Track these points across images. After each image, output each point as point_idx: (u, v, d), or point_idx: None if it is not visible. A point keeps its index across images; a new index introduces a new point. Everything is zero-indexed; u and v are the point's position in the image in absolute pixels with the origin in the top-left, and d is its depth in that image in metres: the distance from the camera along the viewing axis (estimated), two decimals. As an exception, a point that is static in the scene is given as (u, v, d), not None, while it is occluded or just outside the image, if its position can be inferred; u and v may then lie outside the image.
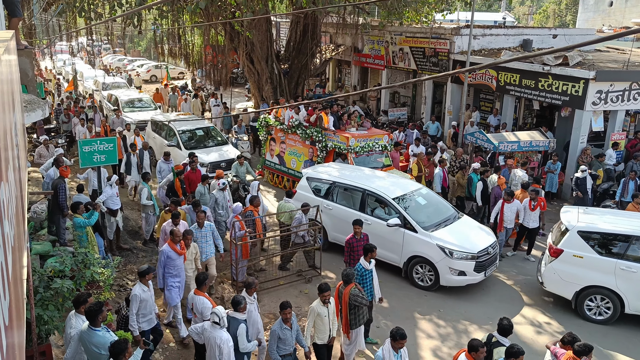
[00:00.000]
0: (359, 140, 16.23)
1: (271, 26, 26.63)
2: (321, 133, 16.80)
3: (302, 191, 14.16)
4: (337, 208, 13.49)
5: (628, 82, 17.11)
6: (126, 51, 64.56)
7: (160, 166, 15.72)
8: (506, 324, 7.62)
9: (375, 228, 12.53)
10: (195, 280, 8.65)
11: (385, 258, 12.63)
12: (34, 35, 33.33)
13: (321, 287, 8.39)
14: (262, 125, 19.24)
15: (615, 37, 4.02)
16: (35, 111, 8.84)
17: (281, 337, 7.93)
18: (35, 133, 22.91)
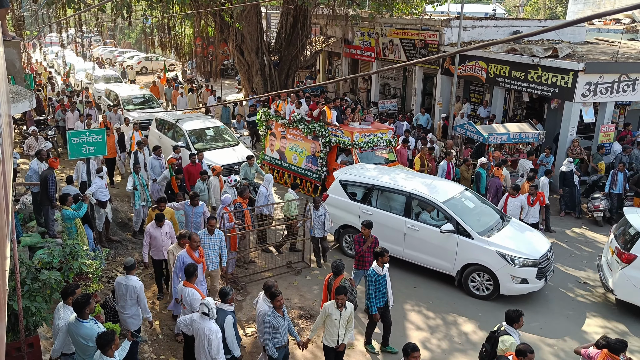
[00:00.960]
0: (364, 135, 15.90)
1: (261, 18, 26.55)
2: (324, 128, 16.38)
3: (336, 195, 13.41)
4: (378, 213, 12.56)
5: (617, 74, 17.17)
6: (116, 43, 64.13)
7: (151, 162, 15.41)
8: (512, 313, 7.70)
9: (424, 234, 11.93)
10: (184, 272, 8.63)
11: (435, 266, 12.05)
12: (23, 27, 33.08)
13: (338, 289, 8.19)
14: (262, 120, 18.84)
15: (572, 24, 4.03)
16: (22, 102, 8.80)
17: (275, 326, 7.91)
18: (25, 124, 22.81)
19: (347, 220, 13.10)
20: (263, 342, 8.11)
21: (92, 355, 6.91)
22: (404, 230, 12.16)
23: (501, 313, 10.87)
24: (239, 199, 12.35)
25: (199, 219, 11.86)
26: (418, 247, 12.07)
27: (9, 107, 8.16)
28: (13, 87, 9.86)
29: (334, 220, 13.07)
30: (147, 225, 10.93)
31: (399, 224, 12.23)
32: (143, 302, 8.65)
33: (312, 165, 16.99)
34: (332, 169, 16.11)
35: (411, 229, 12.00)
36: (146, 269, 12.54)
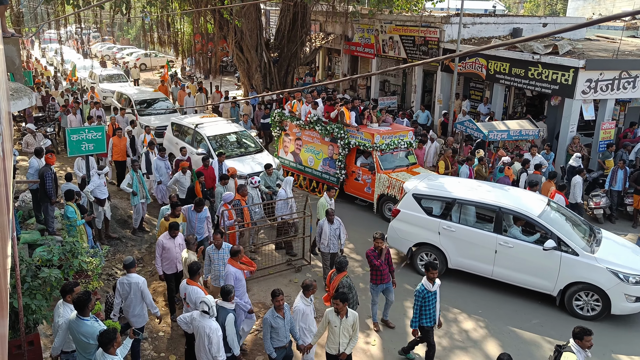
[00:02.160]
0: (384, 137, 15.24)
1: (260, 14, 26.49)
2: (343, 129, 15.73)
3: (410, 210, 12.30)
4: (463, 230, 11.67)
5: (618, 71, 17.14)
6: (115, 39, 64.05)
7: (156, 163, 15.06)
8: (577, 330, 7.24)
9: (519, 251, 11.09)
10: (188, 270, 8.60)
11: (531, 285, 11.19)
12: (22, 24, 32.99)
13: (336, 295, 7.93)
14: (276, 121, 18.11)
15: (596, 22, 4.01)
16: (22, 99, 8.78)
17: (274, 326, 7.84)
18: (24, 121, 22.76)
19: (424, 237, 12.13)
20: (263, 339, 8.07)
21: (93, 353, 6.89)
22: (495, 247, 11.27)
23: (501, 310, 10.93)
24: (238, 197, 12.32)
25: (202, 224, 11.59)
26: (512, 265, 11.21)
27: (9, 105, 8.13)
28: (12, 84, 9.84)
29: (406, 237, 12.34)
30: (160, 237, 10.34)
31: (489, 241, 11.35)
32: (148, 298, 8.61)
33: (329, 168, 16.41)
34: (351, 172, 15.91)
35: (504, 246, 11.14)
36: (146, 267, 12.55)
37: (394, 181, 14.68)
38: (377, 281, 9.93)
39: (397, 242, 12.62)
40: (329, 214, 11.33)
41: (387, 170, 15.12)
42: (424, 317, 8.72)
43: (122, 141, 16.61)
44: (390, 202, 14.93)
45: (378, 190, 15.18)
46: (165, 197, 14.93)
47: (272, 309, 7.92)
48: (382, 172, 15.05)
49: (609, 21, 4.01)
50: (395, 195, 14.61)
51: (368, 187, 15.55)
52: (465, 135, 17.94)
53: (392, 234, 12.56)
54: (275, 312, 7.88)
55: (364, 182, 15.68)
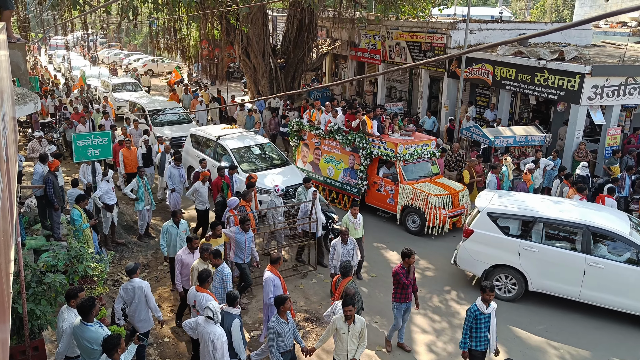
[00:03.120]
0: (407, 147, 14.88)
1: (267, 20, 26.57)
2: (365, 139, 15.33)
3: (485, 230, 11.54)
4: (546, 250, 11.02)
5: (624, 77, 17.10)
6: (122, 45, 64.31)
7: (170, 171, 14.71)
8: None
9: (612, 272, 10.53)
10: (197, 278, 8.55)
11: (626, 308, 10.64)
12: (28, 29, 33.15)
13: (345, 301, 7.84)
14: (294, 130, 17.68)
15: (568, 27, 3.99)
16: (27, 104, 8.80)
17: (279, 332, 7.83)
18: (30, 127, 22.84)
19: (501, 259, 11.42)
20: (268, 347, 8.04)
21: (98, 359, 6.89)
22: (584, 268, 10.66)
23: (506, 314, 10.86)
24: (243, 202, 12.30)
25: (251, 244, 11.23)
26: (604, 287, 10.61)
27: (14, 110, 8.15)
28: (18, 90, 9.86)
29: (481, 259, 11.62)
30: (179, 252, 10.11)
31: (577, 261, 10.73)
32: (152, 302, 8.61)
33: (350, 179, 16.03)
34: (373, 182, 15.52)
35: (594, 267, 10.55)
36: (152, 272, 12.56)
37: (419, 192, 14.36)
38: (402, 299, 9.48)
39: (469, 264, 11.93)
40: (342, 234, 10.67)
41: (411, 181, 14.78)
42: (474, 340, 8.17)
43: (132, 153, 16.22)
44: (414, 213, 14.60)
45: (401, 201, 14.80)
46: (178, 205, 14.77)
47: (276, 315, 7.89)
48: (406, 182, 14.69)
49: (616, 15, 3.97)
50: (419, 206, 14.32)
51: (391, 198, 15.16)
52: (471, 141, 17.89)
53: (464, 255, 11.87)
54: (280, 318, 7.87)
55: (386, 193, 15.28)
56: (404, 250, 9.37)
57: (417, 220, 14.63)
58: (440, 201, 14.17)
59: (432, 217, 14.15)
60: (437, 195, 14.20)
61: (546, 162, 15.77)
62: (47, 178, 12.35)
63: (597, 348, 10.08)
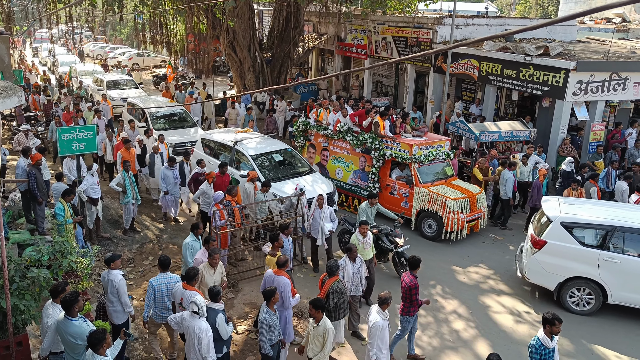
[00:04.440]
0: (422, 148, 14.33)
1: (253, 14, 26.45)
2: (378, 140, 14.80)
3: (559, 241, 10.93)
4: (632, 261, 10.44)
5: (608, 73, 17.23)
6: (108, 39, 63.82)
7: (164, 173, 14.43)
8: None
9: None
10: (185, 275, 8.52)
11: None
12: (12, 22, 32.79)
13: (312, 300, 7.80)
14: (300, 130, 17.07)
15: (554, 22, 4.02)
16: (11, 98, 8.71)
17: (271, 325, 7.85)
18: (14, 120, 22.63)
19: (578, 271, 10.87)
20: (260, 340, 8.00)
21: (82, 354, 6.86)
22: None
23: (491, 308, 10.94)
24: (229, 197, 12.28)
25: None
26: None
27: (-2, 103, 8.09)
28: (2, 83, 9.77)
29: (555, 272, 11.06)
30: (197, 254, 9.86)
31: None
32: (123, 297, 8.51)
33: (360, 181, 15.49)
34: (385, 185, 14.94)
35: None
36: (137, 267, 12.52)
37: (436, 196, 13.79)
38: (413, 312, 9.12)
39: (542, 276, 11.29)
40: (351, 252, 9.66)
41: (426, 183, 14.23)
42: None
43: (131, 154, 15.42)
44: (431, 218, 14.03)
45: (417, 205, 14.22)
46: (170, 208, 14.54)
47: (266, 308, 7.86)
48: (422, 185, 14.13)
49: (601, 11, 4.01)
50: (437, 211, 13.77)
51: (405, 201, 14.57)
52: (457, 136, 17.97)
53: (535, 268, 11.25)
54: (269, 309, 7.86)
55: (400, 197, 14.67)
56: (415, 258, 9.09)
57: (433, 225, 14.04)
58: (459, 205, 13.63)
59: (450, 221, 13.61)
60: (455, 199, 13.63)
61: (536, 159, 15.85)
62: (30, 172, 12.26)
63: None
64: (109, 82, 28.05)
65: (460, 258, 13.40)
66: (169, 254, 13.08)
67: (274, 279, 8.84)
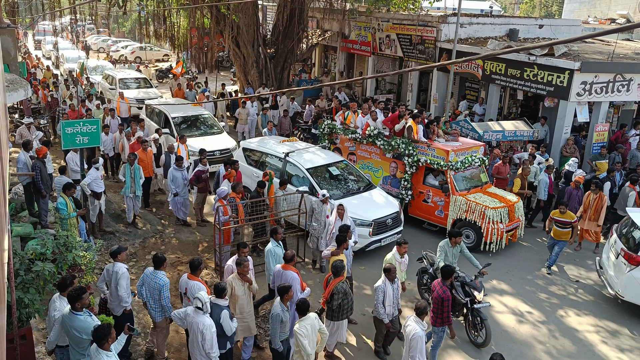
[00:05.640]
0: (458, 154, 13.69)
1: (258, 10, 26.47)
2: (411, 145, 14.11)
3: None
4: None
5: (612, 74, 17.21)
6: (110, 32, 63.79)
7: (172, 174, 13.92)
8: None
9: None
10: (189, 265, 8.55)
11: None
12: (17, 14, 32.78)
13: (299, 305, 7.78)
14: (325, 133, 16.40)
15: (604, 33, 4.03)
16: (18, 91, 8.73)
17: (284, 320, 7.86)
18: (17, 113, 22.63)
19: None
20: (271, 335, 7.98)
21: (86, 348, 6.88)
22: None
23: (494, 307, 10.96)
24: (233, 194, 12.27)
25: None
26: None
27: (5, 96, 8.09)
28: (8, 76, 9.78)
29: None
30: (229, 261, 9.52)
31: None
32: (122, 290, 8.45)
33: (391, 188, 14.74)
34: (418, 192, 14.27)
35: None
36: (139, 262, 12.52)
37: (474, 205, 13.14)
38: (446, 321, 8.78)
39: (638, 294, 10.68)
40: (389, 272, 8.96)
41: (463, 191, 13.58)
42: None
43: (148, 155, 14.95)
44: (468, 228, 13.33)
45: (453, 214, 13.55)
46: (180, 210, 14.27)
47: (279, 303, 7.85)
48: (458, 194, 13.47)
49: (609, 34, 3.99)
50: (475, 220, 13.12)
51: (440, 210, 13.88)
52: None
53: (633, 286, 10.56)
54: (283, 305, 7.87)
55: (434, 205, 14.00)
56: (449, 268, 8.86)
57: (471, 235, 13.35)
58: (498, 214, 13.00)
59: (489, 232, 12.98)
60: (495, 208, 13.00)
61: (540, 159, 15.82)
62: (35, 165, 12.26)
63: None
64: (122, 81, 26.29)
65: (501, 273, 12.70)
66: (171, 249, 13.17)
67: (282, 273, 8.88)
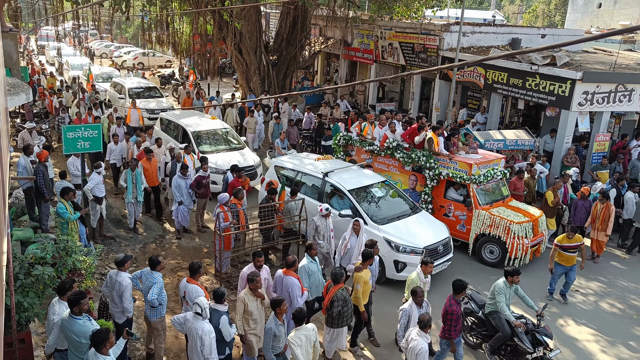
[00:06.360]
0: (480, 167, 13.30)
1: (260, 17, 26.55)
2: (432, 158, 13.74)
3: None
4: None
5: (614, 84, 17.23)
6: (113, 37, 64.00)
7: (177, 182, 13.67)
8: None
9: None
10: (189, 268, 8.55)
11: None
12: (20, 18, 32.89)
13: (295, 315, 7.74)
14: (340, 145, 16.10)
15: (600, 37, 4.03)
16: (19, 95, 8.74)
17: (277, 334, 7.71)
18: (18, 117, 22.66)
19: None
20: (264, 349, 7.89)
21: (85, 352, 6.86)
22: None
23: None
24: (234, 200, 12.26)
25: None
26: None
27: (6, 100, 8.10)
28: (9, 80, 9.79)
29: None
30: (244, 269, 9.25)
31: None
32: (126, 302, 8.41)
33: None
34: (439, 206, 13.86)
35: None
36: (139, 267, 12.50)
37: (498, 219, 12.81)
38: (459, 331, 8.64)
39: None
40: (416, 295, 8.51)
41: (485, 205, 13.26)
42: None
43: (152, 164, 14.73)
44: (492, 243, 13.02)
45: (476, 229, 13.21)
46: (186, 220, 14.07)
47: (274, 317, 7.75)
48: (481, 208, 13.15)
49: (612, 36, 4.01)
50: (499, 235, 12.79)
51: (462, 224, 13.50)
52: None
53: None
54: (277, 320, 7.75)
55: (456, 219, 13.56)
56: (460, 282, 8.63)
57: (495, 250, 13.05)
58: (523, 229, 12.68)
59: (514, 247, 12.67)
60: (520, 222, 12.68)
61: (541, 169, 15.82)
62: (37, 169, 12.27)
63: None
64: (130, 90, 25.40)
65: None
66: (171, 255, 13.15)
67: (282, 279, 8.87)
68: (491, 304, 9.28)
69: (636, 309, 11.74)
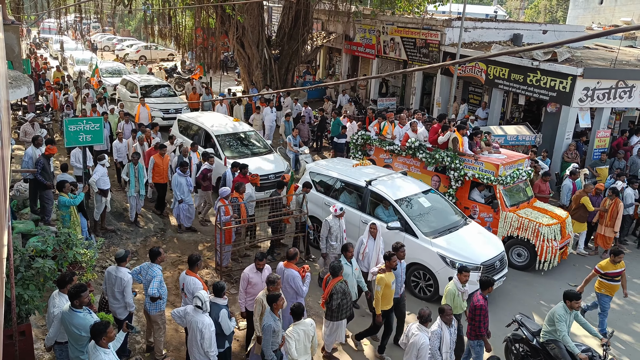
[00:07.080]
0: (506, 168, 12.97)
1: (263, 11, 26.53)
2: (457, 158, 13.39)
3: None
4: None
5: (615, 80, 17.23)
6: (115, 30, 63.92)
7: (177, 180, 13.44)
8: None
9: None
10: (187, 261, 8.60)
11: None
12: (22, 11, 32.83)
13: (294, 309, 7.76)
14: (357, 144, 15.75)
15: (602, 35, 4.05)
16: (21, 88, 8.77)
17: (275, 330, 7.67)
18: (20, 110, 22.67)
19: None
20: (263, 346, 7.80)
21: (85, 345, 6.90)
22: None
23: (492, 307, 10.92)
24: (236, 194, 12.28)
25: None
26: None
27: (8, 93, 8.13)
28: (11, 73, 9.82)
29: None
30: (246, 269, 9.18)
31: None
32: (128, 298, 8.44)
33: None
34: (463, 208, 13.39)
35: None
36: (140, 260, 12.54)
37: (526, 222, 12.48)
38: (480, 335, 8.32)
39: None
40: (444, 313, 7.77)
41: (512, 207, 12.93)
42: None
43: (165, 160, 14.44)
44: (521, 246, 12.70)
45: (503, 231, 12.85)
46: (185, 218, 13.93)
47: (270, 312, 7.69)
48: (508, 210, 12.81)
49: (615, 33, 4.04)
50: (528, 238, 12.48)
51: (487, 226, 13.02)
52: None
53: None
54: (274, 315, 7.70)
55: (481, 221, 13.12)
56: (487, 278, 8.39)
57: (524, 253, 12.74)
58: (552, 232, 12.37)
59: (544, 250, 12.36)
60: (549, 225, 12.37)
61: (542, 165, 15.82)
62: (38, 160, 12.29)
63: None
64: (144, 89, 24.17)
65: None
66: (172, 248, 13.20)
67: (284, 271, 8.93)
68: (549, 332, 8.52)
69: (635, 305, 11.79)
